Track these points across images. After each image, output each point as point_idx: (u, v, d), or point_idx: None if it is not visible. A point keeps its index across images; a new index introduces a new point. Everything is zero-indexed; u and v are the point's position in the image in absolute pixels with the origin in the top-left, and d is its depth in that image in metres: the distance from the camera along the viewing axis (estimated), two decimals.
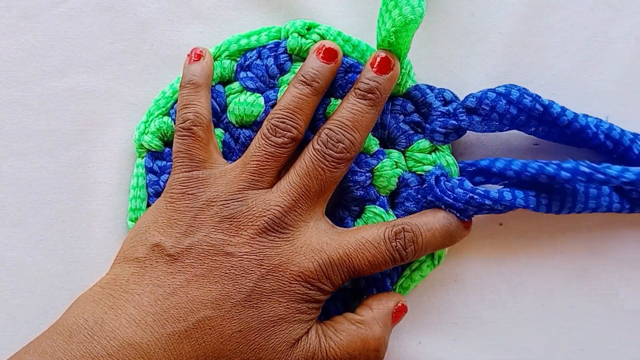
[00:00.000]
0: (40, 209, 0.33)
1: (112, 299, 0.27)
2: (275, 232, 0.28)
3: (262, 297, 0.27)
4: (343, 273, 0.28)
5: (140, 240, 0.29)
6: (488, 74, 0.34)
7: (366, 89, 0.30)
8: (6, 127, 0.34)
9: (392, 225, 0.29)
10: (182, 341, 0.26)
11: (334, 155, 0.29)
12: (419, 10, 0.28)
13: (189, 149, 0.30)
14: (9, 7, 0.34)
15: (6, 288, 0.33)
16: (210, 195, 0.29)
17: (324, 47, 0.31)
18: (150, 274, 0.28)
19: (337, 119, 0.30)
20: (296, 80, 0.30)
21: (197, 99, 0.31)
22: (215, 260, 0.27)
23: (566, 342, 0.32)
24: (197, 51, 0.32)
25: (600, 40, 0.34)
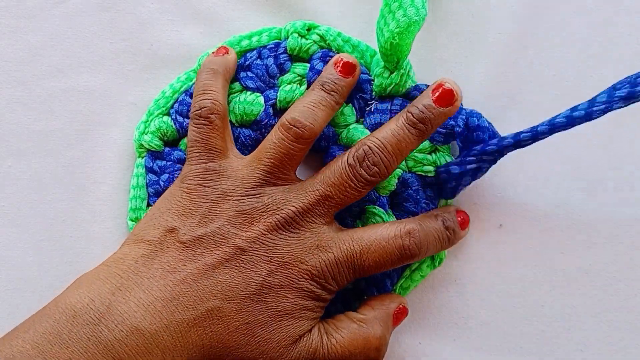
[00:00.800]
0: (40, 209, 0.33)
1: (119, 279, 0.27)
2: (286, 230, 0.28)
3: (270, 291, 0.27)
4: (349, 273, 0.28)
5: (153, 224, 0.29)
6: (488, 74, 0.34)
7: (419, 117, 0.29)
8: (6, 127, 0.34)
9: (402, 224, 0.29)
10: (191, 329, 0.26)
11: (365, 176, 0.28)
12: (422, 12, 0.28)
13: (206, 138, 0.30)
14: (9, 7, 0.34)
15: (6, 288, 0.33)
16: (226, 189, 0.29)
17: (342, 60, 0.31)
18: (161, 258, 0.28)
19: (380, 139, 0.29)
20: (314, 87, 0.31)
21: (215, 85, 0.31)
22: (225, 252, 0.28)
23: (566, 343, 0.32)
24: (224, 49, 0.32)
25: (600, 41, 0.34)
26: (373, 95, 0.32)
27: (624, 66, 0.34)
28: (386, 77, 0.31)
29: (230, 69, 0.32)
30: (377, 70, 0.31)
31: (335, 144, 0.32)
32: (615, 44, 0.34)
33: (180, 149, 0.32)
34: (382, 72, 0.31)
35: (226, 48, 0.32)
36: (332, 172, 0.29)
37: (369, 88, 0.32)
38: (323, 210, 0.29)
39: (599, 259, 0.33)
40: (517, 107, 0.34)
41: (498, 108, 0.34)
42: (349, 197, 0.29)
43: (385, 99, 0.32)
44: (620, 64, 0.34)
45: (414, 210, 0.31)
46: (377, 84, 0.31)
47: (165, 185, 0.32)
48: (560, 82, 0.34)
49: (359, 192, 0.29)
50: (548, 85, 0.34)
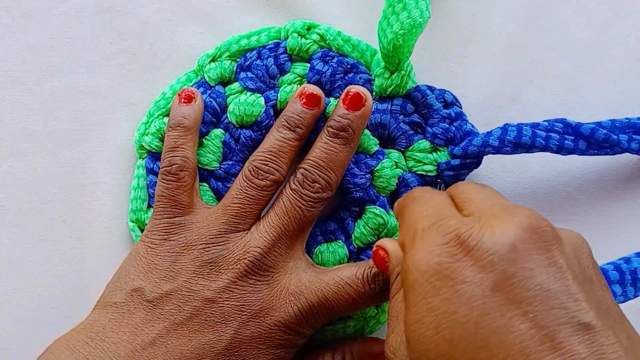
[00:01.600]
0: (40, 209, 0.33)
1: (87, 347, 0.27)
2: (256, 274, 0.28)
3: (242, 344, 0.27)
4: (322, 316, 0.28)
5: (119, 285, 0.28)
6: (488, 75, 0.34)
7: (338, 127, 0.29)
8: (6, 127, 0.34)
9: (370, 266, 0.28)
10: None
11: (310, 195, 0.29)
12: (427, 14, 0.28)
13: (173, 194, 0.30)
14: (9, 7, 0.34)
15: (6, 288, 0.33)
16: (191, 239, 0.29)
17: (306, 92, 0.30)
18: (128, 321, 0.27)
19: (312, 159, 0.29)
20: (279, 124, 0.30)
21: (185, 143, 0.30)
22: (194, 307, 0.27)
23: None
24: (188, 92, 0.31)
25: (600, 41, 0.34)
26: (373, 95, 0.32)
27: (624, 66, 0.34)
28: (387, 78, 0.31)
29: (199, 116, 0.31)
30: (378, 70, 0.31)
31: None
32: (615, 44, 0.34)
33: None
34: (382, 72, 0.31)
35: (191, 92, 0.31)
36: (281, 202, 0.29)
37: (369, 88, 0.32)
38: (287, 244, 0.29)
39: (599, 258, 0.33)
40: (518, 107, 0.34)
41: (498, 108, 0.34)
42: (305, 220, 0.29)
43: (386, 99, 0.32)
44: (620, 64, 0.34)
45: None
46: (377, 84, 0.31)
47: None
48: (560, 82, 0.34)
49: (310, 211, 0.29)
50: (548, 85, 0.34)
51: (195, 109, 0.31)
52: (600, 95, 0.33)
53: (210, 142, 0.32)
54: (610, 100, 0.33)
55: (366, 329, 0.31)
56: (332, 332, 0.31)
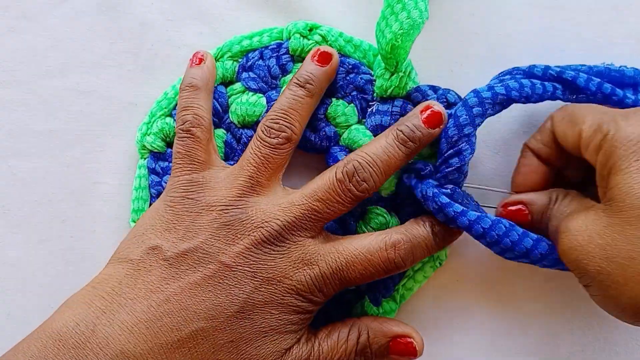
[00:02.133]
0: (41, 209, 0.33)
1: (104, 301, 0.27)
2: (272, 244, 0.28)
3: (254, 308, 0.27)
4: (335, 285, 0.28)
5: (137, 242, 0.29)
6: (488, 75, 0.34)
7: (410, 137, 0.29)
8: (7, 127, 0.34)
9: (387, 235, 0.28)
10: (175, 351, 0.26)
11: (354, 192, 0.28)
12: (425, 15, 0.28)
13: (189, 150, 0.30)
14: (9, 7, 0.34)
15: (6, 288, 0.33)
16: (210, 200, 0.28)
17: (319, 50, 0.31)
18: (144, 278, 0.27)
19: (370, 155, 0.29)
20: (291, 82, 0.30)
21: (195, 101, 0.31)
22: (209, 269, 0.27)
23: (567, 344, 0.32)
24: (199, 55, 0.32)
25: (601, 41, 0.34)
26: (374, 96, 0.32)
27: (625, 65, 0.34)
28: (387, 79, 0.31)
29: (211, 78, 0.32)
30: (379, 71, 0.31)
31: (336, 145, 0.32)
32: (617, 44, 0.34)
33: None
34: (383, 73, 0.31)
35: (202, 54, 0.32)
36: (320, 186, 0.29)
37: (371, 89, 0.32)
38: (310, 225, 0.28)
39: None
40: (518, 107, 0.34)
41: None
42: (336, 212, 0.29)
43: (387, 100, 0.32)
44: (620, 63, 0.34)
45: (415, 211, 0.31)
46: (378, 85, 0.31)
47: None
48: None
49: (346, 207, 0.29)
50: None
51: (204, 69, 0.31)
52: None
53: None
54: None
55: None
56: None
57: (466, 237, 0.33)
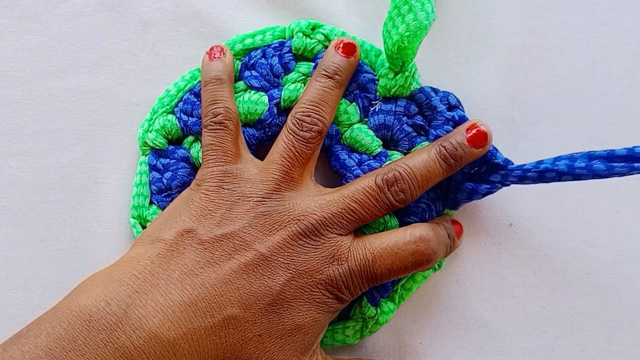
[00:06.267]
0: (41, 209, 0.33)
1: (136, 280, 0.26)
2: (307, 237, 0.28)
3: (285, 302, 0.27)
4: (362, 282, 0.28)
5: (169, 224, 0.28)
6: (489, 75, 0.34)
7: (453, 154, 0.29)
8: (7, 127, 0.34)
9: (414, 229, 0.29)
10: (208, 337, 0.26)
11: (391, 200, 0.29)
12: (432, 16, 0.28)
13: (222, 142, 0.30)
14: (10, 7, 0.34)
15: (6, 288, 0.33)
16: (246, 191, 0.28)
17: (342, 42, 0.31)
18: (177, 259, 0.27)
19: (411, 168, 0.29)
20: (317, 74, 0.30)
21: (224, 94, 0.31)
22: (244, 257, 0.27)
23: (567, 344, 0.32)
24: (219, 48, 0.32)
25: (601, 41, 0.34)
26: (377, 95, 0.32)
27: (625, 66, 0.34)
28: (391, 79, 0.31)
29: (232, 70, 0.32)
30: (382, 70, 0.31)
31: (338, 143, 0.32)
32: (616, 44, 0.34)
33: (184, 148, 0.32)
34: (387, 73, 0.31)
35: (221, 47, 0.32)
36: (359, 189, 0.29)
37: (373, 88, 0.32)
38: (344, 223, 0.28)
39: (600, 259, 0.33)
40: (519, 107, 0.34)
41: (500, 108, 0.34)
42: (371, 216, 0.29)
43: (390, 100, 0.32)
44: (621, 64, 0.34)
45: (414, 211, 0.31)
46: (381, 84, 0.31)
47: (169, 183, 0.32)
48: (561, 83, 0.34)
49: (381, 212, 0.29)
50: (550, 85, 0.34)
51: (226, 62, 0.31)
52: (601, 95, 0.33)
53: None
54: (612, 101, 0.33)
55: (365, 330, 0.31)
56: (332, 332, 0.31)
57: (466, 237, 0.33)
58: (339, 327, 0.31)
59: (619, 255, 0.33)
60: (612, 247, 0.33)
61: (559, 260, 0.33)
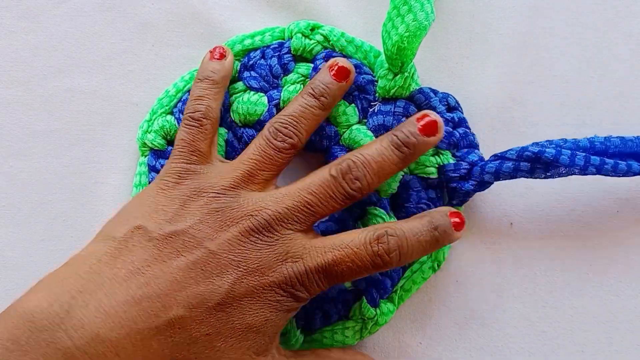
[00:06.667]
0: (41, 209, 0.33)
1: (80, 280, 0.26)
2: (260, 234, 0.27)
3: (234, 301, 0.26)
4: (321, 280, 0.27)
5: (122, 221, 0.28)
6: (488, 75, 0.34)
7: (405, 142, 0.28)
8: (7, 127, 0.34)
9: (374, 229, 0.28)
10: (153, 338, 0.25)
11: (347, 189, 0.28)
12: (432, 17, 0.28)
13: (194, 140, 0.29)
14: (10, 7, 0.34)
15: (6, 288, 0.33)
16: (203, 186, 0.28)
17: (337, 65, 0.30)
18: (125, 257, 0.26)
19: (365, 156, 0.28)
20: (305, 91, 0.30)
21: (211, 95, 0.30)
22: (194, 254, 0.26)
23: (567, 344, 0.32)
24: (221, 50, 0.32)
25: (601, 42, 0.34)
26: (376, 96, 0.32)
27: (626, 67, 0.34)
28: (390, 80, 0.31)
29: (228, 75, 0.32)
30: (381, 71, 0.31)
31: (337, 144, 0.32)
32: (617, 45, 0.34)
33: None
34: (386, 74, 0.31)
35: (224, 50, 0.32)
36: (314, 181, 0.28)
37: (372, 89, 0.32)
38: (301, 218, 0.28)
39: (600, 259, 0.33)
40: (518, 107, 0.34)
41: (500, 108, 0.34)
42: (328, 208, 0.28)
43: (389, 101, 0.32)
44: (621, 64, 0.34)
45: (414, 212, 0.31)
46: (380, 85, 0.31)
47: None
48: (561, 83, 0.34)
49: (338, 204, 0.28)
50: (550, 85, 0.34)
51: (225, 66, 0.31)
52: (601, 95, 0.33)
53: None
54: (612, 101, 0.33)
55: (364, 331, 0.31)
56: (331, 332, 0.31)
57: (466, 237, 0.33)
58: (338, 327, 0.31)
59: (619, 255, 0.33)
60: (612, 247, 0.33)
61: (559, 260, 0.33)
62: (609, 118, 0.33)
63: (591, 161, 0.29)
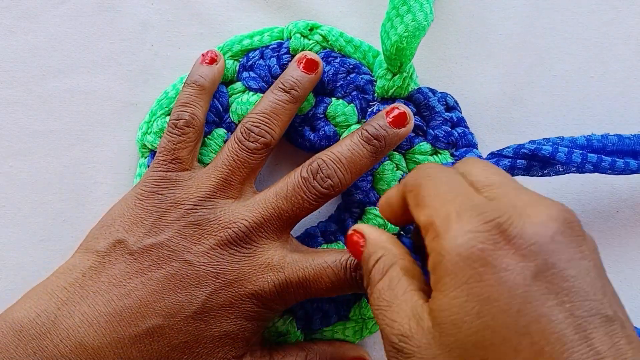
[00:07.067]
0: (41, 209, 0.33)
1: (66, 292, 0.27)
2: (237, 245, 0.28)
3: (212, 311, 0.27)
4: (298, 294, 0.28)
5: (104, 233, 0.29)
6: (488, 75, 0.34)
7: (375, 135, 0.29)
8: (7, 127, 0.34)
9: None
10: (132, 346, 0.26)
11: (319, 189, 0.28)
12: (431, 17, 0.28)
13: (175, 148, 0.30)
14: (10, 7, 0.34)
15: (6, 288, 0.33)
16: (179, 197, 0.28)
17: (305, 57, 0.30)
18: (108, 271, 0.27)
19: (334, 153, 0.28)
20: (275, 87, 0.30)
21: (197, 101, 0.30)
22: (172, 267, 0.27)
23: None
24: (212, 54, 0.31)
25: (601, 42, 0.34)
26: (375, 96, 0.32)
27: (625, 67, 0.34)
28: (389, 80, 0.31)
29: (217, 80, 0.32)
30: (380, 71, 0.31)
31: None
32: (616, 45, 0.34)
33: None
34: (385, 74, 0.31)
35: (215, 54, 0.31)
36: (286, 184, 0.28)
37: (371, 89, 0.32)
38: (277, 225, 0.28)
39: None
40: (518, 107, 0.34)
41: (499, 108, 0.34)
42: (303, 210, 0.28)
43: (388, 101, 0.32)
44: (621, 64, 0.34)
45: None
46: (379, 85, 0.31)
47: None
48: (561, 83, 0.34)
49: (312, 205, 0.28)
50: (549, 85, 0.34)
51: (214, 71, 0.31)
52: (601, 95, 0.33)
53: (212, 141, 0.32)
54: (611, 101, 0.33)
55: (365, 331, 0.31)
56: (332, 333, 0.31)
57: None
58: (339, 327, 0.31)
59: (619, 255, 0.33)
60: (612, 247, 0.33)
61: None
62: (608, 118, 0.33)
63: (588, 159, 0.29)
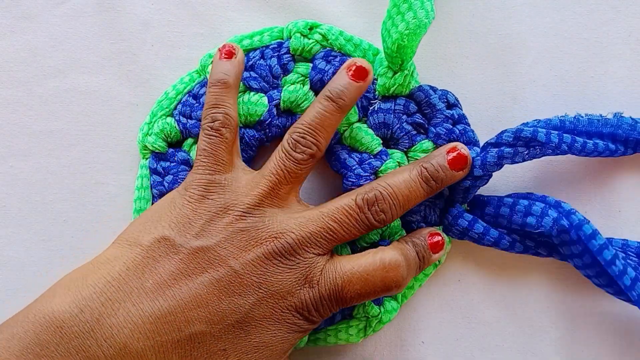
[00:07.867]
0: (41, 209, 0.33)
1: (110, 287, 0.26)
2: (282, 257, 0.28)
3: (253, 321, 0.27)
4: (332, 305, 0.28)
5: (149, 228, 0.28)
6: (489, 75, 0.34)
7: (434, 176, 0.29)
8: (7, 128, 0.34)
9: (384, 254, 0.28)
10: (174, 351, 0.26)
11: (371, 220, 0.28)
12: (432, 15, 0.28)
13: (215, 150, 0.29)
14: (10, 7, 0.34)
15: (6, 288, 0.33)
16: (229, 203, 0.28)
17: (355, 64, 0.30)
18: (152, 268, 0.27)
19: (392, 188, 0.29)
20: (322, 95, 0.30)
21: (227, 100, 0.30)
22: (218, 272, 0.27)
23: (568, 343, 0.32)
24: (229, 47, 0.31)
25: (601, 41, 0.34)
26: (376, 94, 0.32)
27: (625, 66, 0.34)
28: (390, 78, 0.31)
29: (239, 73, 0.31)
30: (381, 70, 0.31)
31: (338, 143, 0.32)
32: (617, 44, 0.34)
33: (184, 150, 0.32)
34: (385, 72, 0.31)
35: (232, 47, 0.31)
36: (339, 208, 0.28)
37: (372, 87, 0.32)
38: (322, 242, 0.28)
39: None
40: (518, 107, 0.34)
41: (499, 108, 0.34)
42: (350, 235, 0.28)
43: (389, 99, 0.32)
44: (621, 64, 0.34)
45: (417, 209, 0.31)
46: (380, 83, 0.31)
47: (170, 186, 0.31)
48: (561, 83, 0.34)
49: (360, 232, 0.29)
50: (549, 85, 0.34)
51: (235, 64, 0.31)
52: (602, 95, 0.33)
53: None
54: (611, 101, 0.33)
55: (368, 329, 0.31)
56: (335, 331, 0.31)
57: None
58: (342, 326, 0.31)
59: None
60: None
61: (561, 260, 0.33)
62: None
63: (564, 139, 0.29)
